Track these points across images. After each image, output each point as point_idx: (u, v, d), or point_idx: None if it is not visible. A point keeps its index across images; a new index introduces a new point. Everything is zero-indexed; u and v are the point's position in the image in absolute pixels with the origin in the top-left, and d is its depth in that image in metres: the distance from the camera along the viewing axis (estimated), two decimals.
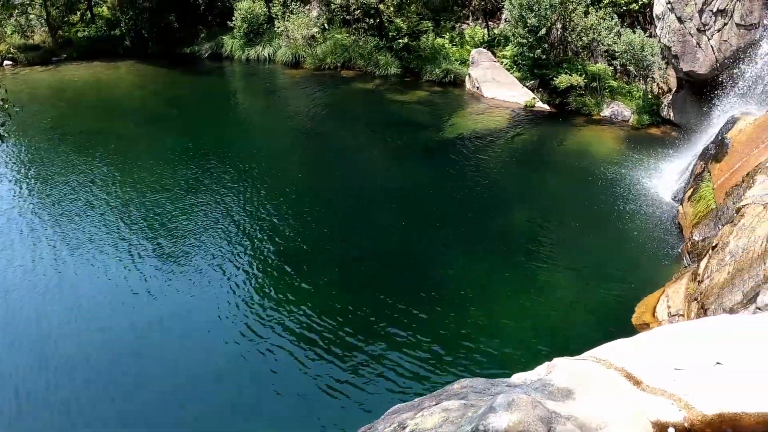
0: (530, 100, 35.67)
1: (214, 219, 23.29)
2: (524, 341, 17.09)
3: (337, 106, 36.93)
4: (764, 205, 17.34)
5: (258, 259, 20.98)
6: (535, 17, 34.22)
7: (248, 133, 33.38)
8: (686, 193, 23.35)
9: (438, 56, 40.85)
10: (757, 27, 27.12)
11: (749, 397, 8.59)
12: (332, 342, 17.00)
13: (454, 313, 18.10)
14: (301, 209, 24.22)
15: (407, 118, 34.40)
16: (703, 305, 16.01)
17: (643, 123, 33.00)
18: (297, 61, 43.67)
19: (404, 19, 40.49)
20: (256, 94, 40.88)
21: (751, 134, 21.73)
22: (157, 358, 16.63)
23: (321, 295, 18.99)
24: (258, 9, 44.83)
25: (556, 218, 23.83)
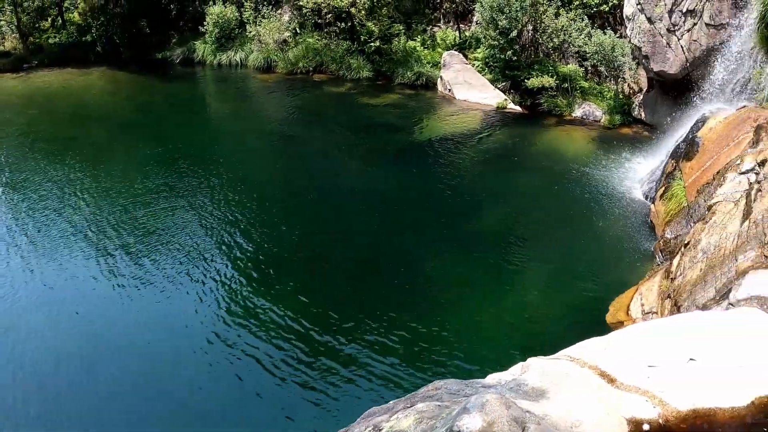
0: (502, 101, 35.80)
1: (186, 224, 23.13)
2: (499, 342, 17.10)
3: (310, 110, 36.82)
4: (735, 202, 17.47)
5: (231, 263, 20.86)
6: (506, 19, 34.31)
7: (221, 139, 33.21)
8: (658, 191, 23.50)
9: (410, 59, 40.87)
10: (726, 26, 27.34)
11: (722, 392, 8.62)
12: (306, 346, 16.92)
13: (428, 315, 18.07)
14: (274, 213, 24.15)
15: (379, 121, 34.37)
16: (677, 302, 16.10)
17: (615, 123, 33.21)
18: (269, 66, 43.53)
19: (376, 22, 40.48)
20: (229, 99, 40.69)
21: (721, 132, 21.88)
22: (128, 365, 16.44)
23: (294, 299, 18.89)
24: (229, 13, 44.64)
25: (529, 219, 23.88)
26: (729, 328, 9.71)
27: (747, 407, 8.49)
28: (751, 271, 14.26)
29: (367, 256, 21.47)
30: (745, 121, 21.05)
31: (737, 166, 18.83)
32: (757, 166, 18.06)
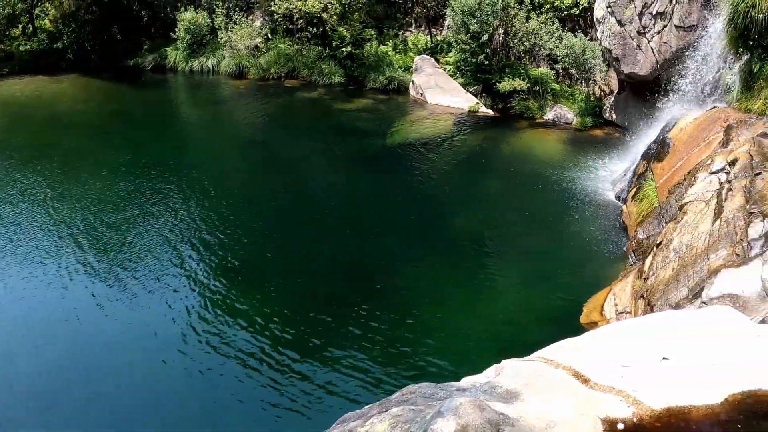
0: (474, 105, 35.88)
1: (159, 232, 22.91)
2: (474, 344, 17.10)
3: (282, 116, 36.73)
4: (706, 202, 17.60)
5: (204, 271, 20.70)
6: (477, 23, 34.41)
7: (193, 145, 33.06)
8: (630, 192, 23.64)
9: (381, 64, 40.90)
10: (696, 28, 27.56)
11: (696, 390, 8.65)
12: (281, 351, 16.82)
13: (402, 319, 18.05)
14: (247, 220, 24.01)
15: (352, 126, 34.33)
16: (650, 302, 16.18)
17: (586, 125, 33.43)
18: (241, 72, 43.32)
19: (347, 27, 40.46)
20: (201, 105, 40.46)
21: (692, 133, 22.05)
22: (100, 375, 16.20)
23: (269, 305, 18.78)
24: (201, 20, 44.39)
25: (502, 221, 23.95)
26: (701, 326, 9.74)
27: (721, 405, 8.51)
28: (723, 270, 14.36)
29: (340, 261, 21.39)
30: (715, 122, 21.23)
31: (708, 166, 18.98)
32: (728, 165, 18.21)
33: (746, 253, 14.53)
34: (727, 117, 20.79)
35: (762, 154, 17.33)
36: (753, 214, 15.22)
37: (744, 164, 17.44)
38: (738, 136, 19.20)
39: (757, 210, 15.20)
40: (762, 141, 18.14)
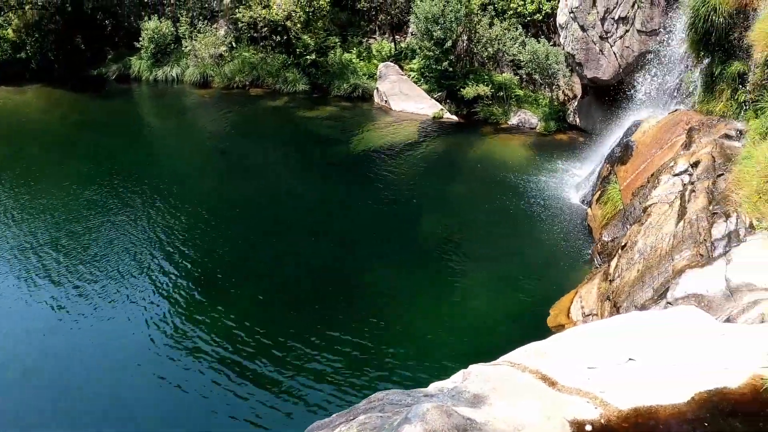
0: (438, 111, 35.99)
1: (126, 243, 22.64)
2: (441, 350, 17.10)
3: (247, 124, 36.53)
4: (670, 203, 17.74)
5: (170, 280, 20.51)
6: (441, 30, 34.51)
7: (159, 155, 32.74)
8: (594, 195, 23.80)
9: (346, 71, 40.86)
10: (657, 32, 27.85)
11: (663, 390, 8.68)
12: (248, 362, 16.71)
13: (371, 326, 18.02)
14: (213, 229, 23.82)
15: (317, 134, 34.26)
16: (616, 303, 16.27)
17: (550, 129, 33.66)
18: (205, 81, 42.99)
19: (311, 35, 40.35)
20: (165, 115, 40.08)
21: (654, 136, 22.23)
22: (65, 388, 16.01)
23: (236, 314, 18.64)
24: (165, 28, 44.00)
25: (468, 227, 24.01)
26: (667, 326, 9.79)
27: (687, 404, 8.56)
28: (688, 270, 14.47)
29: (307, 268, 21.31)
30: (677, 124, 21.42)
31: (671, 168, 19.14)
32: (690, 167, 18.38)
33: (710, 253, 14.66)
34: (690, 119, 20.99)
35: (724, 155, 17.50)
36: (716, 215, 15.35)
37: (706, 166, 17.60)
38: (700, 138, 19.37)
39: (720, 210, 15.33)
40: (724, 142, 18.32)
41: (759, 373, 8.88)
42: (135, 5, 46.59)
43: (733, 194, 15.47)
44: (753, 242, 13.89)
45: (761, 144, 15.92)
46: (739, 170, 16.04)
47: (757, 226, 14.20)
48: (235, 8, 42.39)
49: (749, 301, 12.56)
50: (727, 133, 18.84)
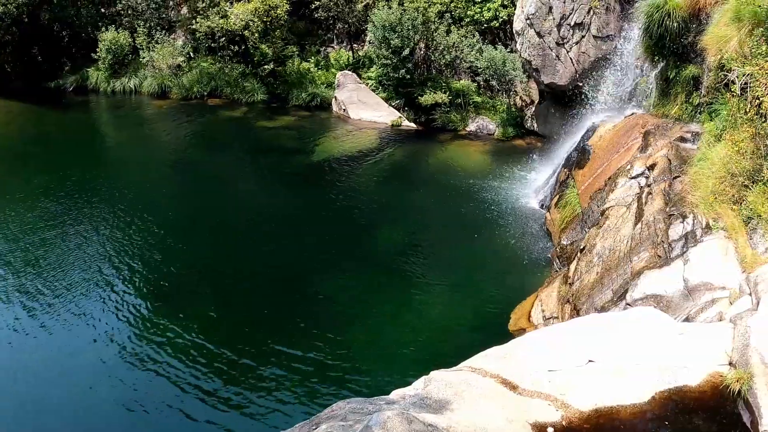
0: (397, 119, 36.03)
1: (80, 257, 22.29)
2: (403, 356, 17.09)
3: (206, 135, 36.24)
4: (627, 206, 17.91)
5: (127, 295, 20.20)
6: (398, 38, 34.55)
7: (117, 168, 32.28)
8: (553, 199, 23.96)
9: (304, 81, 40.75)
10: (613, 38, 28.14)
11: (623, 390, 8.75)
12: (208, 373, 16.55)
13: (333, 335, 17.93)
14: (172, 242, 23.57)
15: (276, 144, 34.11)
16: (576, 306, 16.38)
17: (508, 135, 33.84)
18: (163, 92, 42.54)
19: (269, 45, 40.19)
20: (124, 126, 39.59)
21: (611, 140, 22.44)
22: (23, 406, 15.74)
23: (195, 328, 18.43)
24: (122, 39, 43.48)
25: (428, 233, 24.03)
26: (626, 328, 9.87)
27: (648, 403, 8.65)
28: (646, 271, 14.62)
29: (268, 280, 21.19)
30: (633, 128, 21.64)
31: (628, 171, 19.34)
32: (647, 170, 18.58)
33: (668, 254, 14.80)
34: (645, 123, 21.21)
35: (680, 157, 17.72)
36: (673, 216, 15.52)
37: (662, 168, 17.80)
38: (656, 141, 19.59)
39: (677, 212, 15.51)
40: (679, 145, 18.55)
41: (718, 371, 9.00)
42: (92, 16, 46.00)
43: (689, 195, 15.66)
44: (710, 242, 14.07)
45: (716, 146, 16.14)
46: (694, 172, 16.25)
47: (713, 226, 14.38)
48: (193, 18, 42.08)
49: (707, 300, 12.71)
50: (683, 136, 19.07)
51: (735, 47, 16.69)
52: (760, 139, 14.30)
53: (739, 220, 14.04)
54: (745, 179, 14.35)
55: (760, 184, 13.93)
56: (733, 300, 11.79)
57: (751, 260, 12.95)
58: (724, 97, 16.69)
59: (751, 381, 8.41)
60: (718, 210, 14.58)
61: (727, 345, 9.32)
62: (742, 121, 14.98)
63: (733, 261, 13.33)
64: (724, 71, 16.74)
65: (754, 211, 13.69)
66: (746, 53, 15.75)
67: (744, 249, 13.37)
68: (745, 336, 9.07)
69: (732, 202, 14.49)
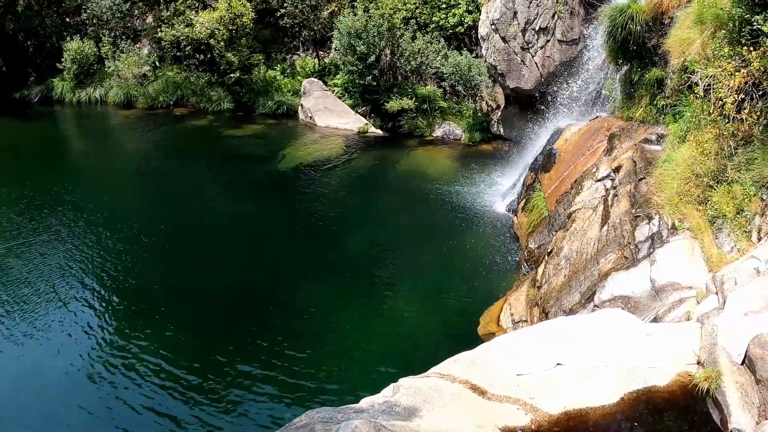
0: (363, 126, 36.05)
1: (47, 269, 21.97)
2: (373, 364, 17.01)
3: (173, 145, 35.98)
4: (593, 208, 17.98)
5: (96, 308, 19.93)
6: (364, 44, 34.53)
7: (83, 178, 31.94)
8: (520, 203, 24.05)
9: (270, 89, 40.66)
10: (578, 42, 28.36)
11: (592, 392, 8.74)
12: (178, 385, 16.36)
13: (302, 345, 17.80)
14: (140, 253, 23.31)
15: (243, 152, 33.91)
16: (544, 309, 16.40)
17: (475, 140, 33.99)
18: (129, 102, 42.23)
19: (235, 53, 40.03)
20: (89, 137, 39.23)
21: (576, 143, 22.54)
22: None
23: (164, 340, 18.23)
24: (87, 49, 43.11)
25: (396, 240, 24.00)
26: (593, 330, 9.87)
27: (617, 404, 8.65)
28: (613, 273, 14.67)
29: (237, 290, 20.98)
30: (598, 131, 21.76)
31: (593, 174, 19.44)
32: (612, 172, 18.68)
33: (634, 256, 14.87)
34: (610, 125, 21.34)
35: (645, 159, 17.81)
36: (639, 218, 15.59)
37: (628, 170, 17.90)
38: (621, 144, 19.71)
39: (643, 213, 15.58)
40: (644, 147, 18.66)
41: (687, 370, 9.01)
42: (57, 25, 45.59)
43: (654, 197, 15.74)
44: (676, 242, 14.14)
45: (680, 147, 16.23)
46: (659, 173, 16.33)
47: (679, 226, 14.45)
48: (158, 27, 41.89)
49: (675, 299, 12.77)
50: (647, 138, 19.20)
51: (698, 49, 16.83)
52: (724, 140, 14.41)
53: (705, 220, 14.12)
54: (710, 180, 14.45)
55: (725, 184, 14.03)
56: (700, 299, 11.84)
57: (717, 259, 13.03)
58: (687, 99, 16.80)
59: (720, 380, 8.43)
60: (684, 210, 14.67)
61: (695, 344, 9.34)
62: (705, 123, 15.09)
63: (699, 261, 13.40)
64: (688, 73, 16.86)
65: (719, 211, 13.78)
66: (709, 55, 15.87)
67: (710, 248, 13.46)
68: (712, 335, 9.09)
69: (697, 203, 14.58)
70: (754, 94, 13.75)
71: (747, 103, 13.88)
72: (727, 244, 13.30)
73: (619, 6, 21.76)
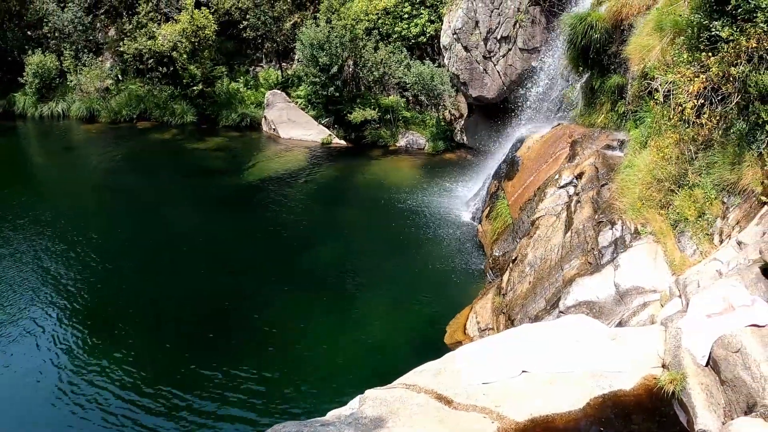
0: (327, 137, 36.07)
1: (8, 287, 21.67)
2: (341, 377, 16.94)
3: (136, 159, 35.64)
4: (557, 215, 18.06)
5: (60, 326, 19.58)
6: (327, 56, 34.51)
7: (45, 194, 31.45)
8: (484, 211, 24.12)
9: (233, 101, 40.53)
10: (539, 50, 28.54)
11: (558, 398, 8.73)
12: (145, 401, 16.17)
13: (269, 358, 17.73)
14: (105, 269, 23.03)
15: (207, 165, 33.75)
16: (510, 316, 16.43)
17: (439, 149, 34.12)
18: (92, 116, 41.79)
19: (198, 65, 39.82)
20: (52, 152, 38.68)
21: (539, 150, 22.65)
22: None
23: (130, 357, 18.00)
24: (49, 62, 42.63)
25: (362, 250, 24.00)
26: (559, 336, 9.88)
27: (583, 410, 8.65)
28: (578, 278, 14.74)
29: (202, 303, 20.81)
30: (560, 138, 21.88)
31: (556, 180, 19.53)
32: (575, 179, 18.78)
33: (598, 261, 14.94)
34: (572, 132, 21.48)
35: (607, 165, 17.94)
36: (602, 223, 15.68)
37: (590, 176, 18.01)
38: (583, 150, 19.84)
39: (605, 219, 15.67)
40: (606, 153, 18.79)
41: (652, 373, 9.05)
42: (18, 39, 45.00)
43: (617, 202, 15.85)
44: (639, 247, 14.24)
45: (642, 152, 16.37)
46: (621, 179, 16.45)
47: (641, 231, 14.56)
48: (120, 40, 41.56)
49: (639, 303, 12.85)
50: (609, 144, 19.35)
51: (657, 56, 17.00)
52: (684, 145, 14.56)
53: (667, 224, 14.25)
54: (671, 184, 14.60)
55: (686, 188, 14.18)
56: (663, 302, 11.92)
57: (680, 263, 13.15)
58: (648, 105, 16.94)
59: (685, 382, 8.48)
60: (646, 215, 14.79)
61: (660, 347, 9.40)
62: (666, 128, 15.23)
63: (662, 264, 13.51)
64: (648, 80, 17.02)
65: (681, 215, 13.92)
66: (668, 61, 16.03)
67: (673, 252, 13.57)
68: (676, 338, 9.14)
69: (659, 207, 14.71)
70: (713, 99, 13.91)
71: (706, 108, 14.04)
72: (689, 247, 13.42)
73: (579, 14, 21.95)
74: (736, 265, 10.58)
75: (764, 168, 12.32)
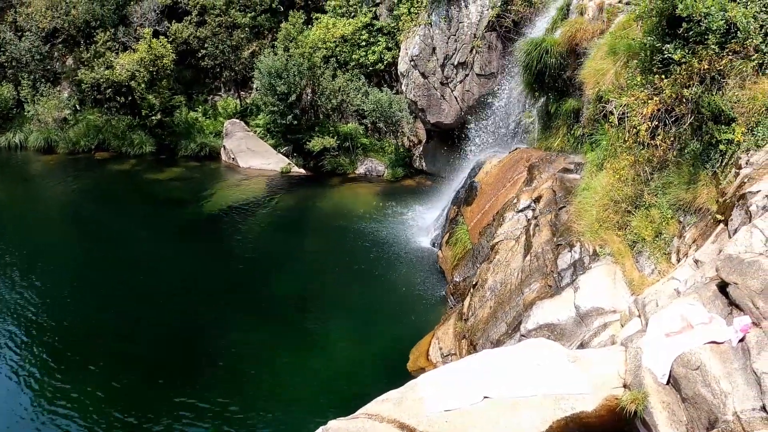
0: (286, 165, 36.01)
1: None
2: (305, 406, 16.81)
3: (94, 190, 35.23)
4: (516, 239, 18.14)
5: (20, 359, 19.27)
6: (285, 84, 34.49)
7: (3, 227, 31.07)
8: (444, 237, 24.15)
9: (192, 130, 40.32)
10: (496, 75, 28.77)
11: (519, 423, 8.71)
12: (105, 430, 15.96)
13: (234, 390, 17.54)
14: (64, 302, 22.66)
15: (166, 196, 33.49)
16: (472, 341, 16.41)
17: (398, 176, 34.24)
18: (50, 146, 41.21)
19: (156, 95, 39.51)
20: (8, 185, 37.98)
21: (497, 175, 22.77)
22: None
23: (93, 390, 17.70)
24: (6, 92, 42.11)
25: (323, 279, 23.92)
26: (520, 360, 9.86)
27: None
28: (538, 302, 14.78)
29: (164, 335, 20.58)
30: (518, 162, 22.02)
31: (514, 205, 19.64)
32: (533, 202, 18.89)
33: (558, 284, 15.00)
34: (530, 156, 21.63)
35: (564, 188, 18.05)
36: (560, 246, 15.76)
37: (548, 200, 18.11)
38: (541, 174, 19.96)
39: (564, 241, 15.75)
40: (563, 176, 18.92)
41: (613, 394, 9.06)
42: None
43: (575, 225, 15.95)
44: (598, 268, 14.32)
45: (598, 175, 16.51)
46: (579, 201, 16.57)
47: (600, 252, 14.65)
48: (78, 69, 41.24)
49: (599, 324, 12.90)
50: (566, 167, 19.49)
51: (611, 79, 17.21)
52: (640, 166, 14.72)
53: (625, 245, 14.36)
54: (628, 205, 14.74)
55: (643, 208, 14.32)
56: (623, 323, 11.99)
57: (638, 282, 13.25)
58: (603, 128, 17.13)
59: (646, 401, 8.51)
60: (604, 236, 14.89)
61: (620, 368, 9.42)
62: (621, 150, 15.40)
63: (621, 285, 13.60)
64: (603, 103, 17.20)
65: (639, 235, 14.04)
66: (622, 84, 16.23)
67: (631, 272, 13.67)
68: (636, 357, 9.18)
69: (617, 228, 14.84)
70: (667, 121, 14.09)
71: (660, 130, 14.21)
72: (647, 266, 13.53)
73: (535, 39, 22.19)
74: (694, 283, 10.66)
75: (719, 187, 12.47)
